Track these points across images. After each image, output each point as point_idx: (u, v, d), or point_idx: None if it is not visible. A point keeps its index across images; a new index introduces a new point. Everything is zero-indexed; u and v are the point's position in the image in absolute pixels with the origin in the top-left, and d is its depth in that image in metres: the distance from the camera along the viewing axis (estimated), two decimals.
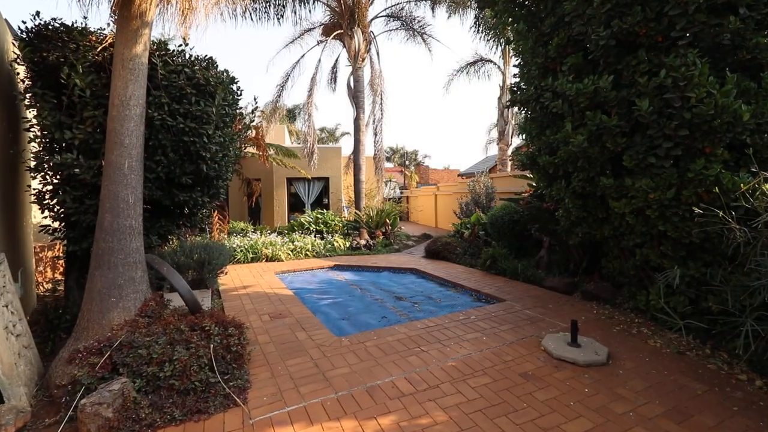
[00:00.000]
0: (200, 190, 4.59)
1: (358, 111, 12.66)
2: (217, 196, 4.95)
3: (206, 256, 4.90)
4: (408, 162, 43.31)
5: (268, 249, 9.80)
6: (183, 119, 3.98)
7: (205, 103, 4.14)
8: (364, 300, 6.34)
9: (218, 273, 5.14)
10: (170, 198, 4.35)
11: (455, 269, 8.13)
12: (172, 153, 4.03)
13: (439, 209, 19.25)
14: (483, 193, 11.72)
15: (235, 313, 5.42)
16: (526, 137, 5.50)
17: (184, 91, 4.00)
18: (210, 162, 4.35)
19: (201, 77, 4.09)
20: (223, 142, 4.51)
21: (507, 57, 14.27)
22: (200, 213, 5.11)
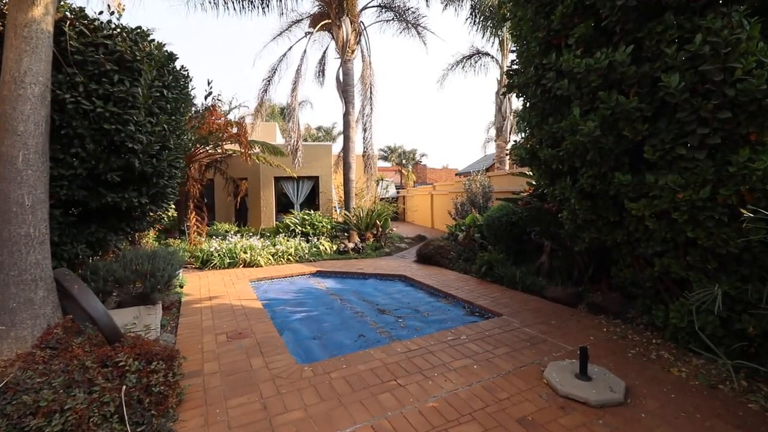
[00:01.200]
0: (136, 190, 3.86)
1: (348, 106, 11.92)
2: (163, 198, 4.22)
3: (150, 267, 4.16)
4: (405, 161, 42.58)
5: (247, 253, 9.05)
6: (103, 103, 3.25)
7: (131, 83, 3.41)
8: (342, 314, 5.61)
9: (167, 285, 4.39)
10: (97, 199, 3.62)
11: (447, 276, 7.39)
12: (91, 144, 3.30)
13: (436, 209, 18.53)
14: (479, 192, 10.99)
15: (189, 332, 4.70)
16: (525, 128, 4.77)
17: (103, 67, 3.28)
18: (142, 156, 3.62)
19: (125, 51, 3.36)
20: (160, 131, 3.77)
21: (505, 49, 13.53)
22: (148, 216, 4.38)
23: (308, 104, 40.00)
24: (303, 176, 15.06)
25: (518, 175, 7.43)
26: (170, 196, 4.36)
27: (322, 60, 13.15)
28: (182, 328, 4.86)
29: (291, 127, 11.34)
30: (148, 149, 3.61)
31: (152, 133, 3.65)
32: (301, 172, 14.99)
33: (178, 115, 4.15)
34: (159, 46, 3.87)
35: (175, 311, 5.62)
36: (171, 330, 4.83)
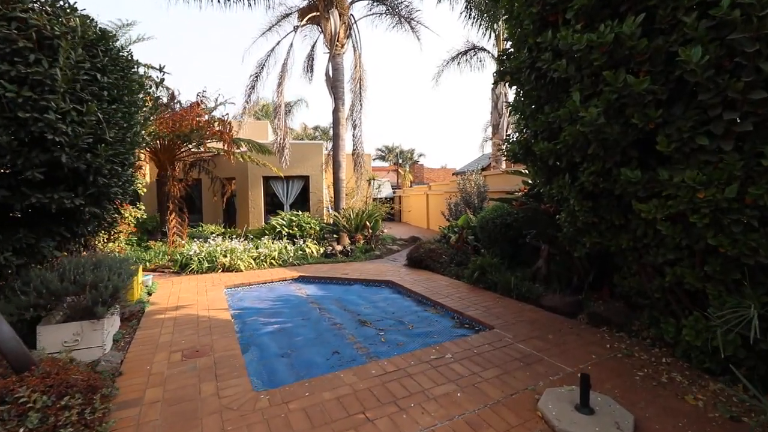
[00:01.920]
0: (69, 189, 3.34)
1: (337, 102, 11.41)
2: (106, 198, 3.70)
3: (92, 277, 3.64)
4: (402, 161, 42.08)
5: (227, 257, 8.54)
6: (17, 87, 2.74)
7: (51, 63, 2.90)
8: (319, 325, 5.10)
9: (114, 297, 3.87)
10: (21, 200, 3.11)
11: (438, 282, 6.88)
12: (5, 135, 2.79)
13: (431, 209, 18.04)
14: (474, 192, 10.49)
15: (142, 349, 4.18)
16: (518, 120, 4.26)
17: (16, 45, 2.77)
18: (70, 150, 3.10)
19: (42, 25, 2.85)
20: (92, 122, 3.24)
21: (501, 44, 13.02)
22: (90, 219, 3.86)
23: (303, 103, 39.51)
24: (293, 176, 14.53)
25: (513, 173, 6.93)
26: (115, 196, 3.84)
27: (310, 55, 12.63)
28: (136, 344, 4.35)
29: (277, 125, 10.82)
30: (77, 142, 3.09)
31: (81, 124, 3.13)
32: (291, 172, 14.46)
33: (121, 104, 3.63)
34: (85, 20, 3.33)
35: (135, 323, 5.10)
36: (123, 346, 4.31)
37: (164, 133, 10.25)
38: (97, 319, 3.91)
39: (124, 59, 3.80)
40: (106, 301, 3.83)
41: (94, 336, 3.97)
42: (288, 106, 36.44)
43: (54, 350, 3.81)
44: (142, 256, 9.73)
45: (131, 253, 9.66)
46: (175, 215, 10.20)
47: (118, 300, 4.03)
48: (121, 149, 3.58)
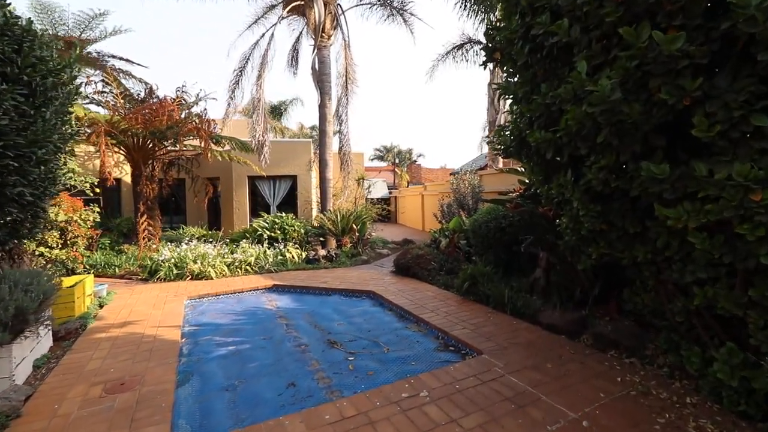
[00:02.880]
0: None
1: (323, 97, 10.71)
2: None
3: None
4: (400, 161, 41.41)
5: (197, 264, 7.83)
6: None
7: None
8: (281, 347, 4.39)
9: (20, 319, 3.17)
10: None
11: (425, 293, 6.17)
12: None
13: (427, 210, 17.34)
14: (468, 192, 9.79)
15: (61, 379, 3.49)
16: (510, 106, 3.56)
17: None
18: None
19: None
20: None
21: None
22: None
23: (299, 102, 38.88)
24: (279, 175, 13.83)
25: (509, 171, 6.23)
26: (22, 197, 3.14)
27: (295, 46, 11.91)
28: (57, 372, 3.65)
29: (256, 120, 10.11)
30: None
31: None
32: (277, 171, 13.77)
33: (17, 86, 2.92)
34: None
35: (69, 343, 4.41)
36: (42, 375, 3.62)
37: (136, 129, 9.56)
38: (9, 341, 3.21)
39: (19, 28, 3.11)
40: (7, 324, 3.12)
41: (0, 365, 3.28)
42: (284, 105, 35.82)
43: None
44: (111, 260, 9.06)
45: (100, 258, 8.98)
46: (146, 217, 9.51)
47: (27, 322, 3.33)
48: (20, 141, 2.89)
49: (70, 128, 3.98)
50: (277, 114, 35.46)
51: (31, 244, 5.74)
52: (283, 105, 35.41)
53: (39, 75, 3.10)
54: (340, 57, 11.18)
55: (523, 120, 3.33)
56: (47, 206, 3.68)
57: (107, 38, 11.42)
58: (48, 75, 3.18)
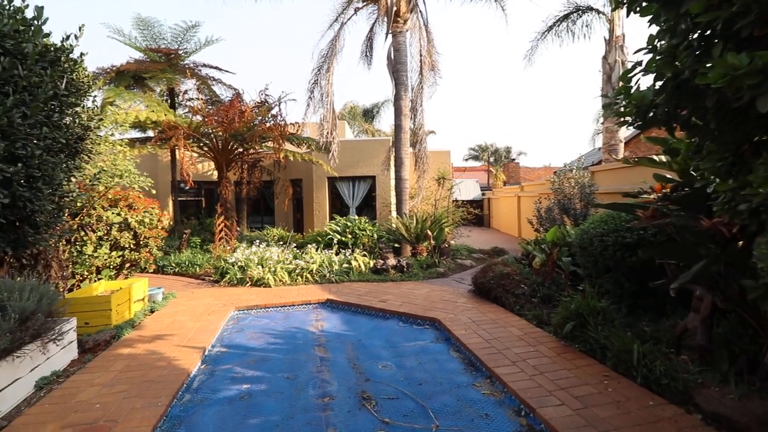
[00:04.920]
0: None
1: (399, 89, 9.62)
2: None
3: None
4: (496, 160, 38.42)
5: (256, 270, 7.40)
6: None
7: None
8: (301, 396, 3.36)
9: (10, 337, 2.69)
10: None
11: (507, 328, 4.59)
12: None
13: (524, 214, 15.06)
14: (575, 194, 7.69)
15: (39, 413, 2.97)
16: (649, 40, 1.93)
17: None
18: None
19: None
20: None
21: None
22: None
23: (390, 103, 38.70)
24: (358, 176, 13.22)
25: (637, 162, 4.26)
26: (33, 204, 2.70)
27: (369, 36, 11.01)
28: (45, 401, 3.16)
29: (324, 116, 9.48)
30: None
31: None
32: (356, 172, 13.18)
33: (29, 95, 2.43)
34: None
35: (90, 357, 4.04)
36: (32, 401, 3.16)
37: (216, 132, 9.73)
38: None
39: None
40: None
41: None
42: (376, 108, 35.97)
43: None
44: (196, 260, 9.31)
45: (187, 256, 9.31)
46: (223, 219, 9.56)
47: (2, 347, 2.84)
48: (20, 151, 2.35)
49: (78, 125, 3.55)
50: (370, 117, 35.79)
51: (88, 248, 5.73)
52: (376, 107, 35.53)
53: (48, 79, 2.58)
54: (416, 43, 9.96)
55: (685, 52, 1.69)
56: (45, 208, 3.21)
57: (201, 50, 12.06)
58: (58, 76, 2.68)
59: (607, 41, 10.14)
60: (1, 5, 2.70)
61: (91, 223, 6.07)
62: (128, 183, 6.56)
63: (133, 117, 8.19)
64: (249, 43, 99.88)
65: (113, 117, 6.88)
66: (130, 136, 12.03)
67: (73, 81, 3.30)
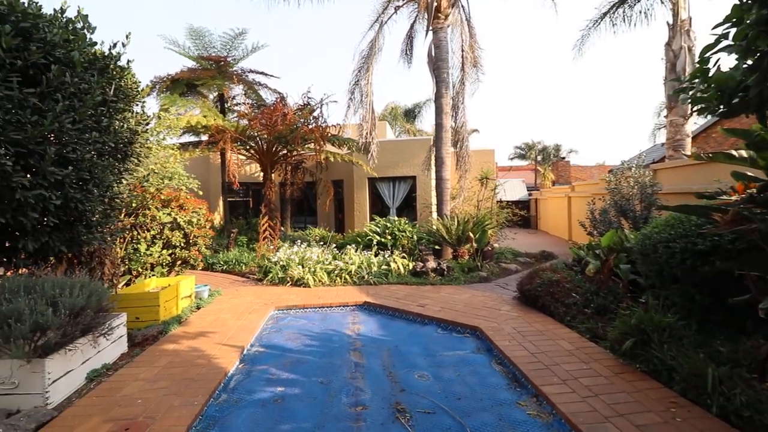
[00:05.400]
0: None
1: (439, 86, 9.35)
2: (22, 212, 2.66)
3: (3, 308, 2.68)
4: (544, 159, 36.68)
5: (296, 269, 7.48)
6: None
7: None
8: (333, 403, 3.26)
9: (35, 336, 2.86)
10: None
11: (557, 341, 4.22)
12: None
13: (575, 216, 14.15)
14: (635, 194, 7.02)
15: (86, 406, 3.11)
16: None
17: None
18: None
19: None
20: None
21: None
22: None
23: (432, 103, 38.19)
24: (398, 176, 13.10)
25: (711, 158, 3.73)
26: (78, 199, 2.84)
27: (409, 33, 10.78)
28: (93, 393, 3.32)
29: (363, 117, 9.43)
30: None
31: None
32: (396, 172, 13.07)
33: (79, 101, 2.54)
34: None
35: (138, 351, 4.23)
36: (82, 393, 3.33)
37: (261, 134, 10.02)
38: (26, 360, 2.95)
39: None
40: (20, 337, 2.81)
41: (33, 380, 3.04)
42: (417, 108, 35.65)
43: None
44: (242, 258, 9.65)
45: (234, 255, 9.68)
46: (266, 219, 9.82)
47: (45, 337, 3.00)
48: (17, 137, 2.48)
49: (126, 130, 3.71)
50: (411, 117, 35.53)
51: (142, 246, 6.06)
52: (417, 107, 35.22)
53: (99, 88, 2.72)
54: (458, 38, 9.63)
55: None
56: (96, 209, 3.38)
57: (249, 56, 12.50)
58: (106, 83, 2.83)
59: (670, 26, 9.20)
60: (55, 17, 2.88)
61: (145, 223, 6.43)
62: (177, 184, 6.87)
63: (185, 122, 8.62)
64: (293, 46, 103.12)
65: (167, 122, 7.24)
66: (184, 140, 12.77)
67: (121, 87, 3.50)
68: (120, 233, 4.80)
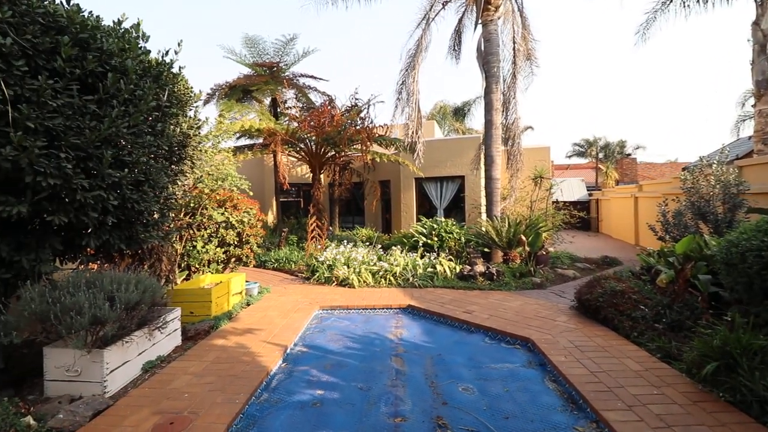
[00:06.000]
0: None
1: (489, 81, 8.94)
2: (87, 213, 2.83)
3: (68, 301, 2.89)
4: (606, 156, 34.11)
5: (341, 269, 7.51)
6: None
7: None
8: (372, 413, 3.15)
9: (94, 328, 3.05)
10: None
11: (621, 360, 3.77)
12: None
13: (642, 218, 12.95)
14: (717, 194, 6.18)
15: (138, 396, 3.28)
16: None
17: None
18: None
19: None
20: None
21: None
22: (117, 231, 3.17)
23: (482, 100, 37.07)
24: (446, 176, 12.77)
25: None
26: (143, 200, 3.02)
27: (457, 28, 10.38)
28: (145, 384, 3.49)
29: (409, 116, 9.25)
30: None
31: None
32: (444, 172, 12.75)
33: (134, 107, 2.68)
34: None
35: (190, 345, 4.44)
36: (137, 383, 3.52)
37: (310, 136, 10.25)
38: (86, 351, 3.17)
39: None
40: (81, 329, 3.01)
41: (93, 369, 3.26)
42: (467, 106, 34.74)
43: (59, 376, 3.29)
44: (292, 257, 9.93)
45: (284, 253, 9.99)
46: (314, 219, 10.01)
47: (103, 330, 3.19)
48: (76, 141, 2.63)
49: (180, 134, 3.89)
50: (461, 115, 34.70)
51: (198, 244, 6.38)
52: (467, 105, 34.32)
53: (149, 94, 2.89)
54: (509, 30, 9.13)
55: None
56: (151, 209, 3.57)
57: (300, 62, 12.86)
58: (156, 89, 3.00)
59: (759, 3, 8.01)
60: (113, 29, 3.08)
61: (202, 222, 6.79)
62: (229, 185, 7.18)
63: (239, 126, 9.02)
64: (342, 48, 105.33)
65: (223, 127, 7.60)
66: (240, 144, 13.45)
67: (174, 93, 3.68)
68: (175, 232, 5.07)
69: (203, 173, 6.10)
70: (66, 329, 2.91)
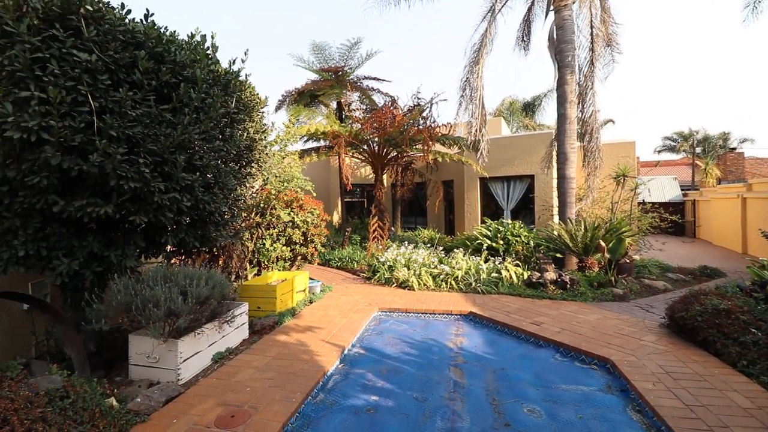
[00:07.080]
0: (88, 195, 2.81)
1: (563, 72, 8.22)
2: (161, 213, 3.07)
3: (148, 293, 3.17)
4: (704, 151, 29.88)
5: (401, 271, 7.42)
6: None
7: None
8: (427, 426, 3.00)
9: (169, 321, 3.31)
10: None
11: (725, 393, 3.17)
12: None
13: (753, 222, 11.08)
14: None
15: (206, 386, 3.49)
16: None
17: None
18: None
19: None
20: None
21: None
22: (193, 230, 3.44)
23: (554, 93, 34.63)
24: (513, 176, 12.07)
25: None
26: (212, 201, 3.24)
27: (526, 17, 9.65)
28: (214, 375, 3.72)
29: (473, 113, 8.83)
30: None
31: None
32: (511, 171, 12.07)
33: (203, 114, 2.89)
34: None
35: (256, 339, 4.66)
36: (207, 373, 3.76)
37: (372, 138, 10.32)
38: (162, 340, 3.44)
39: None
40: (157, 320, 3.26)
41: (169, 357, 3.55)
42: (537, 101, 32.70)
43: (140, 362, 3.63)
44: (355, 256, 10.12)
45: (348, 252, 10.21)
46: (376, 219, 10.05)
47: (177, 322, 3.43)
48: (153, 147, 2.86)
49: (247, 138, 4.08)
50: (530, 111, 32.77)
51: (267, 242, 6.71)
52: (537, 100, 32.28)
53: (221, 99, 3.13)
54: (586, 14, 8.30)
55: None
56: (220, 209, 3.79)
57: (363, 65, 13.05)
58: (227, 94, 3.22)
59: None
60: (187, 42, 3.32)
61: (271, 221, 7.16)
62: (294, 186, 7.47)
63: (305, 130, 9.38)
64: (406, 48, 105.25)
65: (291, 131, 7.94)
66: (308, 146, 14.02)
67: (242, 100, 3.89)
68: (245, 231, 5.36)
69: (270, 175, 6.41)
70: (145, 319, 3.19)
